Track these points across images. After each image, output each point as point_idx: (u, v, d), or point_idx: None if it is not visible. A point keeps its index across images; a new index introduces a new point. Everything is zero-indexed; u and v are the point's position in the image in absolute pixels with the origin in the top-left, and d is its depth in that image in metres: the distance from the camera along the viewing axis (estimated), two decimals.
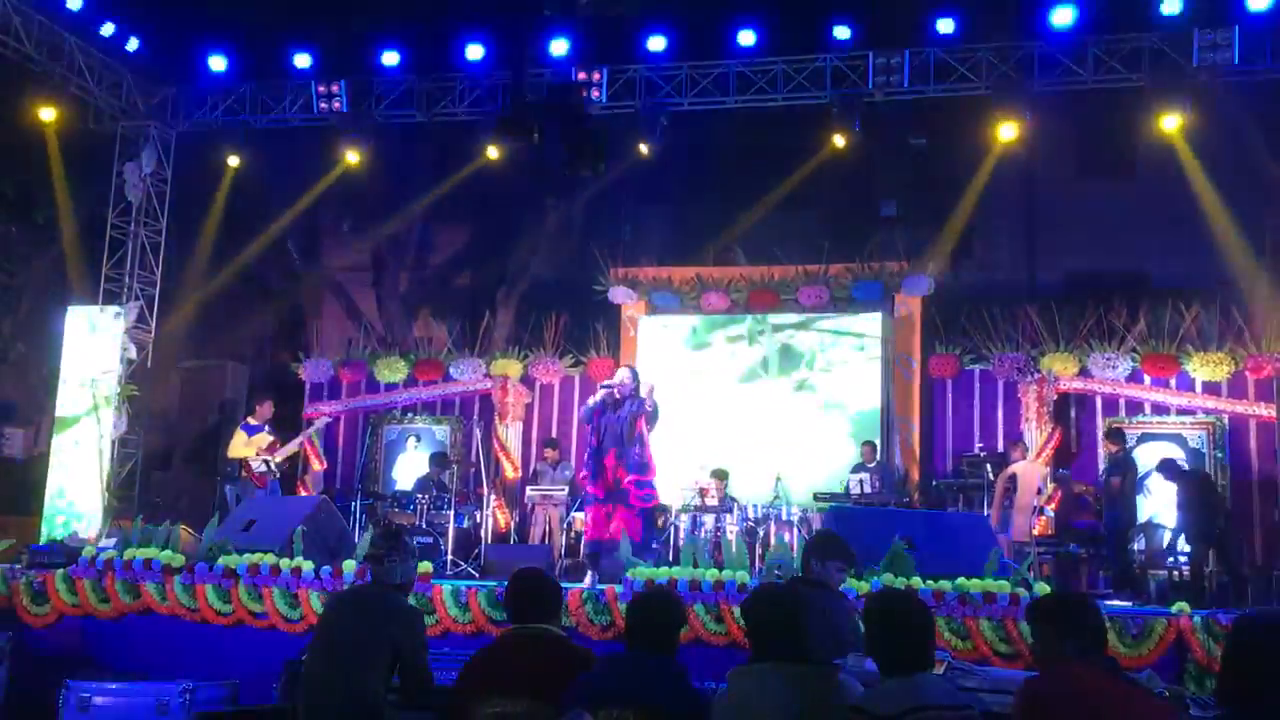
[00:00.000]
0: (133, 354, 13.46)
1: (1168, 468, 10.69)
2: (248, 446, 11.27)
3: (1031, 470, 11.44)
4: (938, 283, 13.46)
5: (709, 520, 11.34)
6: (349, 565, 7.91)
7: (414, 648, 4.98)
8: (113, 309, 13.46)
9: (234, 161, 13.84)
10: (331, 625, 5.06)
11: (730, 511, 11.55)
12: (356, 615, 5.00)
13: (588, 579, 8.17)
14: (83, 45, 12.84)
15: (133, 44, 13.11)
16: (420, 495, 11.75)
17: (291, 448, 12.00)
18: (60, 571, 8.52)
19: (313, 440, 13.28)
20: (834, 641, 4.23)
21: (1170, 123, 11.58)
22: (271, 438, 11.59)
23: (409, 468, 14.12)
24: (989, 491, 11.45)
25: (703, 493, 11.87)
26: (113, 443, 13.15)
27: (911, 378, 13.31)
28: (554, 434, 14.01)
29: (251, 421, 11.49)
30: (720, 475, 12.10)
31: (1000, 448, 12.60)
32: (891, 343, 13.35)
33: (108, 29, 12.83)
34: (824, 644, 3.86)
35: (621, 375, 9.04)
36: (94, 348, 13.27)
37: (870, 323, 13.43)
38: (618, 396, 8.84)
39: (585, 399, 14.68)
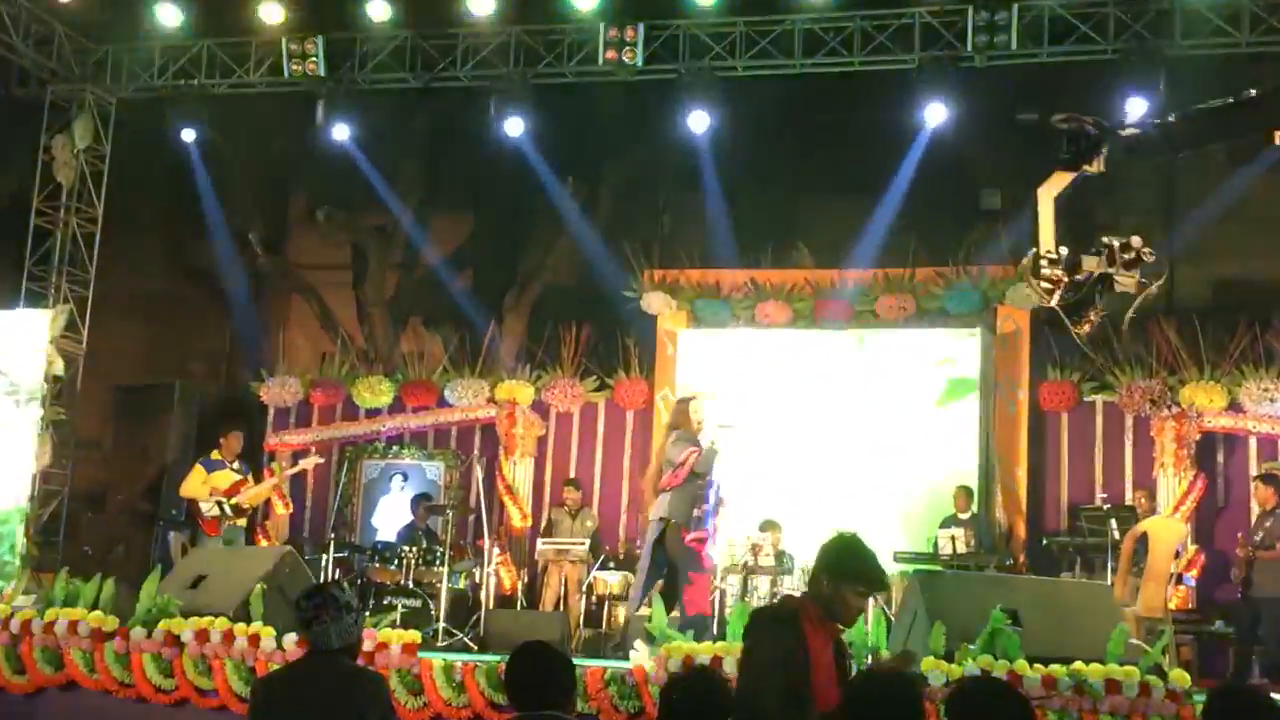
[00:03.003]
0: (59, 369, 13.58)
1: None
2: (204, 485, 11.32)
3: (1167, 528, 11.31)
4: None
5: (763, 583, 11.28)
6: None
7: None
8: (36, 313, 13.61)
9: (187, 135, 13.96)
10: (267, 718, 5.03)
11: (790, 572, 11.51)
12: (293, 701, 4.94)
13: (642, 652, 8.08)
14: None
15: None
16: (406, 548, 11.81)
17: (261, 490, 12.05)
18: None
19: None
20: None
21: None
22: (238, 476, 11.62)
23: (393, 513, 14.18)
24: (1113, 554, 11.34)
25: (754, 549, 11.85)
26: (33, 477, 13.27)
27: (1017, 410, 13.25)
28: (573, 473, 14.05)
29: (215, 457, 11.55)
30: (772, 527, 12.08)
31: (1127, 499, 12.51)
32: (992, 366, 13.30)
33: None
34: None
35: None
36: (12, 362, 13.40)
37: (966, 341, 13.41)
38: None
39: (612, 430, 15.02)
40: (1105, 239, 6.02)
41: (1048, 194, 6.11)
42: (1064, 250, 6.07)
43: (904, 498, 13.14)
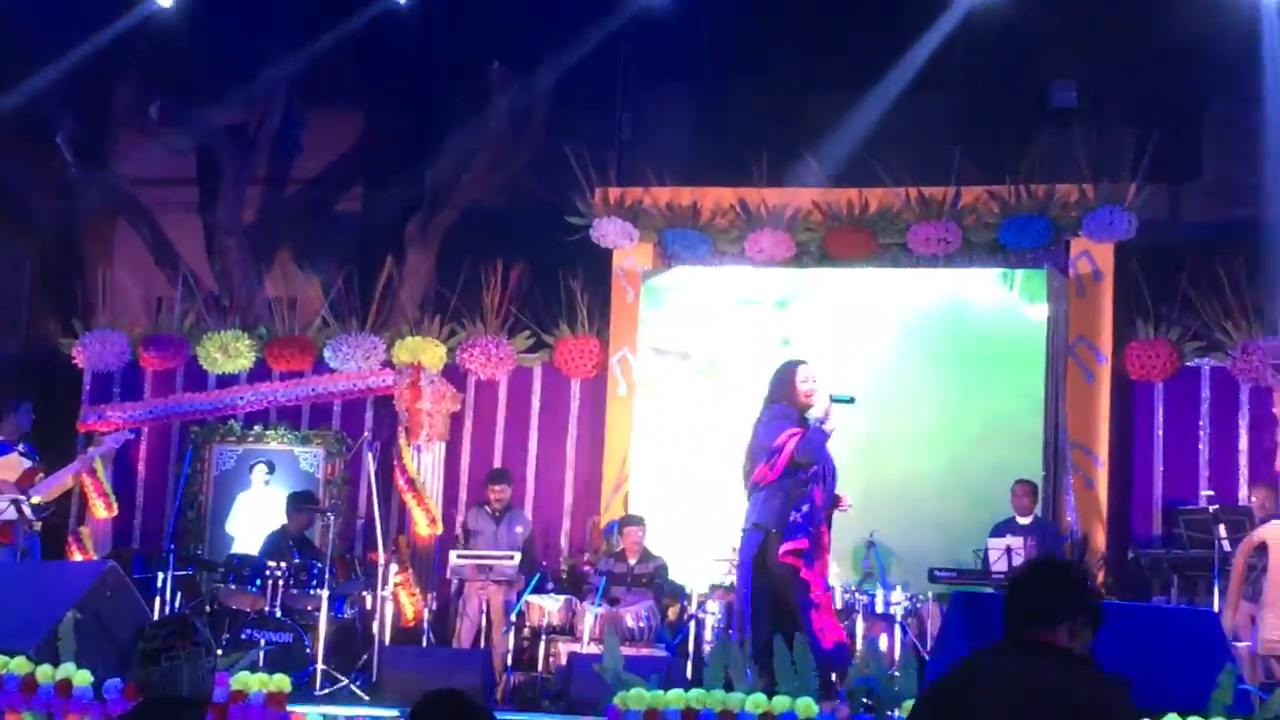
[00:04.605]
0: None
1: None
2: None
3: None
4: (1143, 221, 13.43)
5: None
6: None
7: None
8: None
9: None
10: None
11: None
12: None
13: None
14: None
15: None
16: (273, 564, 11.75)
17: (62, 480, 11.95)
18: None
19: (95, 470, 13.25)
20: None
21: None
22: (28, 463, 11.54)
23: (255, 516, 14.12)
24: (1222, 571, 11.40)
25: None
26: None
27: (1096, 379, 13.30)
28: (499, 462, 14.04)
29: None
30: None
31: (1242, 497, 12.56)
32: (1064, 320, 13.33)
33: None
34: None
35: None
36: None
37: (1029, 286, 13.41)
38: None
39: (552, 404, 14.88)
40: None
41: None
42: None
43: (943, 495, 13.17)
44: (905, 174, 13.83)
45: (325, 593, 11.30)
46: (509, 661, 11.93)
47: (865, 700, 7.39)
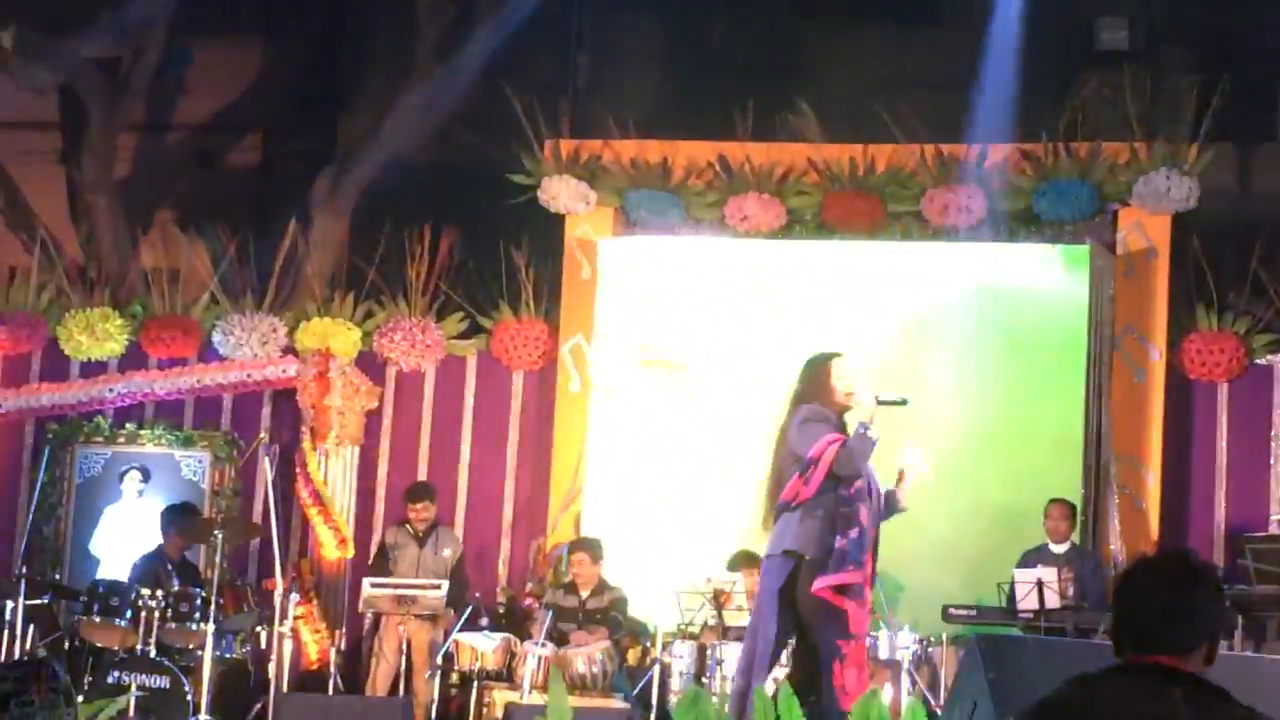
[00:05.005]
0: None
1: None
2: None
3: None
4: (1206, 189, 13.42)
5: (732, 653, 11.20)
6: None
7: None
8: None
9: None
10: None
11: None
12: None
13: None
14: None
15: None
16: (147, 591, 11.71)
17: None
18: None
19: None
20: None
21: None
22: None
23: (126, 534, 14.03)
24: None
25: (718, 600, 11.82)
26: None
27: (1148, 377, 13.33)
28: (424, 473, 14.06)
29: None
30: (749, 563, 11.99)
31: None
32: (1110, 305, 13.37)
33: None
34: None
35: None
36: None
37: (1068, 265, 13.41)
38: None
39: (489, 401, 14.77)
40: None
41: None
42: None
43: (960, 518, 13.11)
44: (920, 128, 13.84)
45: (210, 627, 11.31)
46: (433, 713, 11.94)
47: None
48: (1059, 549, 12.43)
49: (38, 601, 12.35)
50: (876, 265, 13.82)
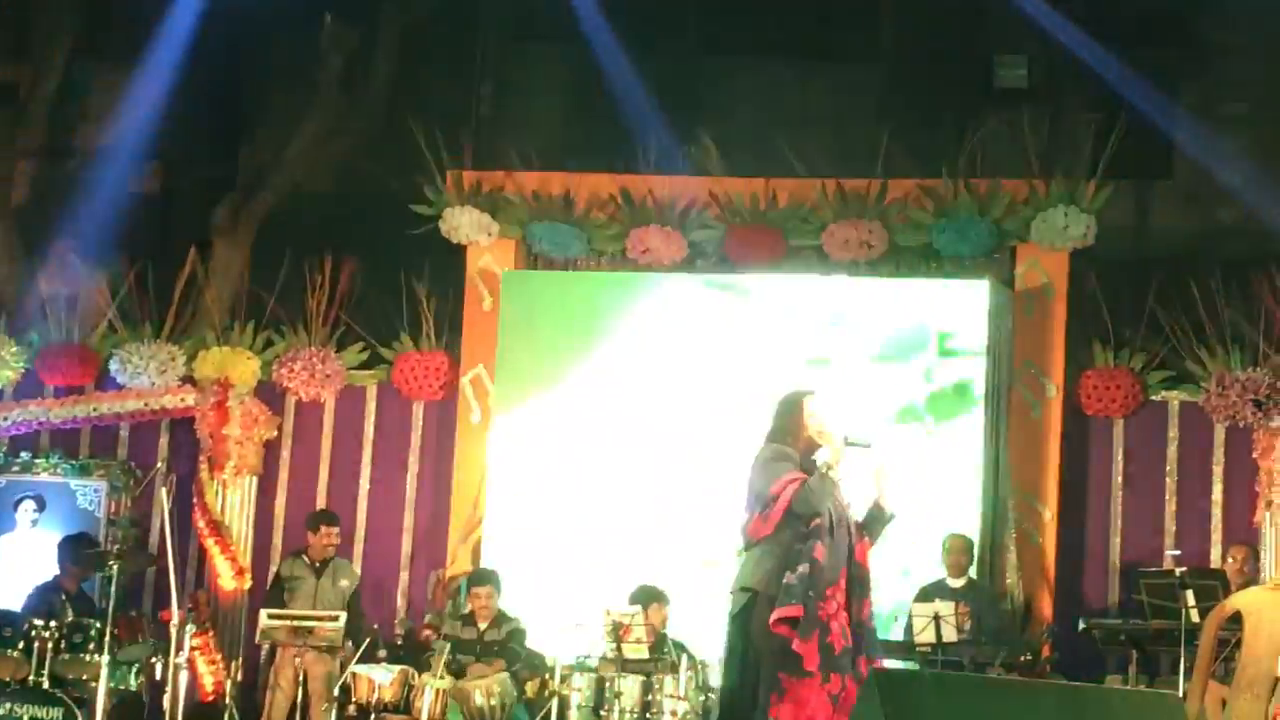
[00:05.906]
0: None
1: None
2: None
3: (1276, 606, 11.47)
4: (1103, 226, 13.52)
5: (630, 687, 11.34)
6: None
7: None
8: None
9: None
10: None
11: (675, 670, 11.58)
12: None
13: None
14: None
15: None
16: (40, 622, 11.68)
17: None
18: None
19: None
20: None
21: None
22: None
23: (19, 564, 13.97)
24: (1189, 644, 11.48)
25: (617, 632, 11.81)
26: None
27: (1045, 413, 13.41)
28: (323, 502, 14.02)
29: None
30: (652, 598, 12.13)
31: (1214, 558, 12.67)
32: (1008, 342, 13.44)
33: None
34: None
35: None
36: None
37: (966, 300, 13.43)
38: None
39: (390, 432, 14.69)
40: None
41: None
42: None
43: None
44: (822, 162, 13.92)
45: (105, 658, 11.22)
46: None
47: None
48: (956, 584, 12.49)
49: None
50: (777, 301, 13.79)
